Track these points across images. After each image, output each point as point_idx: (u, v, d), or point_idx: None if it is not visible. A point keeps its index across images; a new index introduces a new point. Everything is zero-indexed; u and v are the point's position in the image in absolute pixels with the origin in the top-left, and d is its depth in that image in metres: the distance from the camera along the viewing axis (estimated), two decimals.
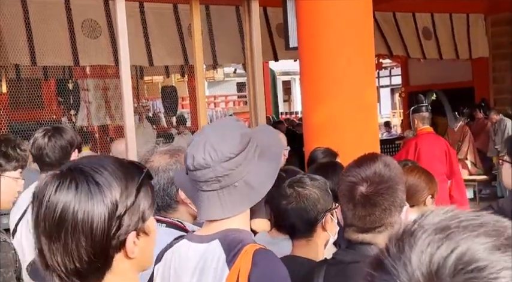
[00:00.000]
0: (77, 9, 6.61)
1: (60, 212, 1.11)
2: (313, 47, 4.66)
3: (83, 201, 1.12)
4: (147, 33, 7.12)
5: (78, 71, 7.71)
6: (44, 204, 1.13)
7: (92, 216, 1.11)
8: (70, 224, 1.11)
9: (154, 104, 11.72)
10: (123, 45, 4.02)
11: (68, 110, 7.75)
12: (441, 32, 9.93)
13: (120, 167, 1.19)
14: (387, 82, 23.78)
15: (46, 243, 1.12)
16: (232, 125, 1.74)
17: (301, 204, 2.14)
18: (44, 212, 1.12)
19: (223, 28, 7.58)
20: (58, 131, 2.88)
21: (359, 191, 1.73)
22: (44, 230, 1.12)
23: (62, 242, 1.11)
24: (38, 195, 1.15)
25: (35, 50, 6.33)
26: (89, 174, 1.15)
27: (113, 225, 1.13)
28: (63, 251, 1.11)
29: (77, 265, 1.12)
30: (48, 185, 1.14)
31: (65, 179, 1.14)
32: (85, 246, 1.11)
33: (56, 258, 1.12)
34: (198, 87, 4.64)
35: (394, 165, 1.80)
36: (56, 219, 1.11)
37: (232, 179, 1.63)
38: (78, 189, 1.12)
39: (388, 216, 1.74)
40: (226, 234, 1.65)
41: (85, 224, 1.11)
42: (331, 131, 4.57)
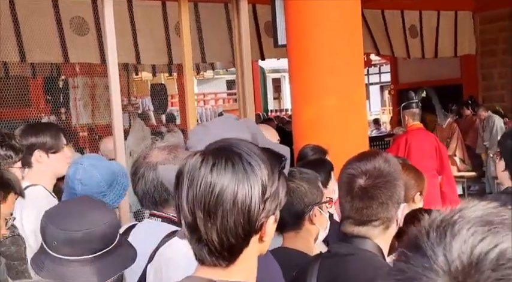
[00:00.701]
0: (65, 6, 6.58)
1: (219, 191, 1.16)
2: (302, 44, 4.66)
3: (241, 182, 1.17)
4: (135, 30, 7.09)
5: (68, 69, 7.67)
6: (200, 182, 1.17)
7: (250, 196, 1.17)
8: (229, 203, 1.16)
9: (143, 101, 11.68)
10: (111, 44, 3.99)
11: (57, 108, 7.70)
12: (426, 30, 9.97)
13: (263, 152, 1.25)
14: (376, 79, 23.86)
15: (202, 219, 1.16)
16: (241, 125, 1.74)
17: (287, 197, 2.14)
18: (201, 190, 1.16)
19: (212, 26, 7.57)
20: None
21: (358, 184, 1.77)
22: (200, 206, 1.16)
23: (219, 219, 1.16)
24: (189, 173, 1.19)
25: (23, 47, 6.29)
26: (241, 155, 1.19)
27: (261, 206, 1.19)
28: (221, 227, 1.16)
29: (232, 241, 1.18)
30: (203, 164, 1.18)
31: (220, 159, 1.18)
32: (243, 223, 1.17)
33: (211, 234, 1.17)
34: (187, 85, 4.63)
35: (394, 162, 1.85)
36: (215, 198, 1.16)
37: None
38: (235, 169, 1.17)
39: (384, 211, 1.78)
40: None
41: (244, 204, 1.17)
42: (320, 128, 4.58)
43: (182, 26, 4.54)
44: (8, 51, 6.21)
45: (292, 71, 4.88)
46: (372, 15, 9.12)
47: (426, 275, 0.65)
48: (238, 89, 4.83)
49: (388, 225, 1.81)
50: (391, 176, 1.78)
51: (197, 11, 7.46)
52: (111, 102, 3.94)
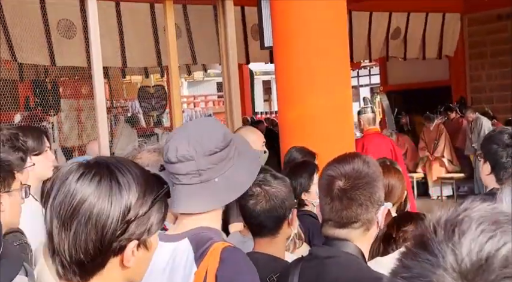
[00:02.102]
0: (52, 9, 6.55)
1: (77, 201, 1.13)
2: (288, 46, 4.66)
3: (102, 197, 1.14)
4: (122, 33, 7.07)
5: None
6: (63, 190, 1.15)
7: (108, 214, 1.13)
8: (84, 215, 1.13)
9: (133, 104, 11.64)
10: (96, 46, 3.99)
11: (47, 111, 7.65)
12: (412, 31, 10.02)
13: (143, 175, 1.21)
14: (367, 81, 23.92)
15: (57, 228, 1.14)
16: (215, 123, 1.81)
17: (271, 202, 2.14)
18: (62, 198, 1.15)
19: (201, 27, 7.56)
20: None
21: (337, 185, 1.77)
22: (57, 214, 1.14)
23: (72, 231, 1.13)
24: (59, 180, 1.17)
25: (14, 50, 6.28)
26: (113, 172, 1.17)
27: (120, 228, 1.14)
28: (72, 239, 1.13)
29: (81, 256, 1.14)
30: (72, 173, 1.16)
31: (89, 171, 1.16)
32: (94, 240, 1.13)
33: (63, 245, 1.14)
34: (173, 88, 4.62)
35: (373, 163, 1.84)
36: (72, 208, 1.13)
37: (213, 174, 1.67)
38: (100, 184, 1.15)
39: (364, 212, 1.77)
40: (195, 232, 1.67)
41: (98, 220, 1.13)
42: (306, 129, 4.58)
43: (168, 30, 4.53)
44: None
45: (278, 72, 4.88)
46: (358, 17, 9.15)
47: (435, 272, 0.65)
48: (225, 91, 4.84)
49: (368, 227, 1.81)
50: (370, 177, 1.78)
51: (186, 12, 7.45)
52: (96, 105, 3.93)
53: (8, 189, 1.94)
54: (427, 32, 10.17)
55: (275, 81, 4.98)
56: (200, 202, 1.67)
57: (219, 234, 1.72)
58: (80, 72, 7.26)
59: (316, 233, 3.06)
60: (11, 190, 1.95)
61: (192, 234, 1.66)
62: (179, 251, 1.66)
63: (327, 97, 4.57)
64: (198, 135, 1.68)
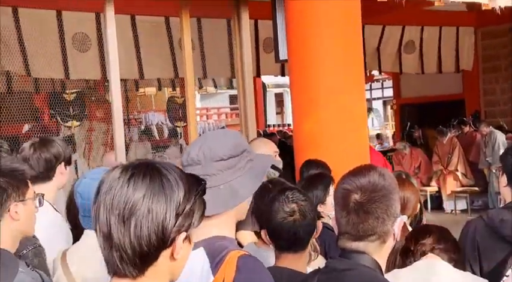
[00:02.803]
0: (68, 22, 6.62)
1: (135, 199, 1.21)
2: (303, 59, 4.68)
3: (157, 193, 1.22)
4: (138, 46, 7.13)
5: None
6: (117, 190, 1.22)
7: (164, 208, 1.22)
8: (144, 211, 1.21)
9: (146, 116, 11.70)
10: (113, 60, 4.03)
11: (65, 121, 7.69)
12: (427, 45, 10.00)
13: (183, 173, 1.31)
14: (379, 94, 23.90)
15: (116, 225, 1.21)
16: (232, 133, 1.84)
17: (306, 218, 2.21)
18: (117, 198, 1.21)
19: (213, 41, 7.61)
20: (44, 143, 2.87)
21: (353, 199, 1.76)
22: (115, 213, 1.21)
23: (133, 226, 1.20)
24: (109, 182, 1.24)
25: (28, 62, 6.34)
26: (160, 170, 1.25)
27: (174, 221, 1.23)
28: (134, 234, 1.20)
29: (144, 249, 1.21)
30: (122, 174, 1.24)
31: (139, 171, 1.24)
32: (156, 232, 1.21)
33: (123, 240, 1.21)
34: (189, 100, 4.66)
35: (389, 175, 1.83)
36: (130, 205, 1.21)
37: (218, 180, 1.70)
38: (152, 182, 1.23)
39: (381, 225, 1.77)
40: (210, 241, 1.68)
41: (157, 214, 1.22)
42: (321, 142, 4.58)
43: (184, 43, 4.58)
44: (14, 66, 6.26)
45: (293, 85, 4.89)
46: (371, 30, 9.16)
47: None
48: (240, 104, 4.86)
49: (384, 239, 1.80)
50: (386, 190, 1.78)
51: (200, 26, 7.51)
52: (113, 117, 3.96)
53: (22, 198, 1.96)
54: (442, 46, 10.15)
55: (289, 94, 5.00)
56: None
57: (233, 243, 1.73)
58: (95, 94, 7.37)
59: (332, 245, 3.06)
60: (25, 199, 1.97)
61: (206, 244, 1.68)
62: (194, 261, 1.66)
63: (342, 110, 4.58)
64: (210, 142, 1.74)
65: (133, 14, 7.04)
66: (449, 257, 2.23)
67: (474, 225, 2.65)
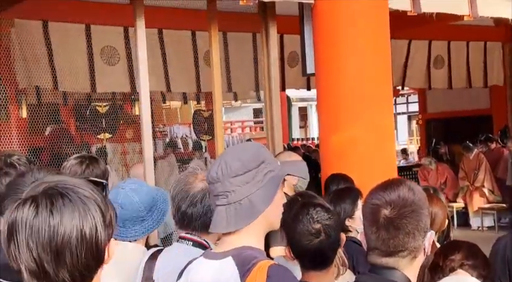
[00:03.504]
0: (97, 36, 6.72)
1: (64, 231, 1.16)
2: (330, 73, 4.69)
3: (83, 215, 1.18)
4: (165, 59, 7.20)
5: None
6: (43, 227, 1.15)
7: (95, 226, 1.19)
8: (77, 239, 1.17)
9: (171, 129, 11.79)
10: (143, 73, 4.08)
11: (97, 133, 7.76)
12: (455, 60, 9.92)
13: (84, 181, 1.26)
14: (404, 109, 23.75)
15: (50, 262, 1.16)
16: (250, 147, 1.82)
17: (331, 237, 2.19)
18: (46, 235, 1.15)
19: (239, 55, 7.66)
20: (94, 160, 2.98)
21: (383, 214, 1.74)
22: (47, 251, 1.16)
23: (69, 258, 1.16)
24: (27, 221, 1.16)
25: (56, 76, 6.44)
26: (74, 189, 1.20)
27: (103, 235, 1.21)
28: (71, 264, 1.17)
29: (85, 274, 1.19)
30: (39, 208, 1.16)
31: (56, 198, 1.18)
32: (93, 254, 1.19)
33: (62, 274, 1.17)
34: (216, 114, 4.68)
35: (418, 190, 1.81)
36: (61, 239, 1.16)
37: (238, 196, 1.70)
38: (73, 204, 1.17)
39: (411, 241, 1.75)
40: (239, 251, 1.69)
41: (91, 236, 1.18)
42: (348, 157, 4.57)
43: (212, 57, 4.61)
44: (42, 79, 6.36)
45: (320, 99, 4.89)
46: (397, 45, 9.13)
47: None
48: (266, 118, 4.86)
49: (415, 255, 1.78)
50: (416, 205, 1.76)
51: (225, 40, 7.56)
52: (142, 129, 4.00)
53: None
54: (470, 61, 10.06)
55: (314, 108, 4.99)
56: (227, 223, 1.71)
57: (262, 254, 1.73)
58: (125, 116, 7.44)
59: (360, 260, 3.04)
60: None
61: (235, 253, 1.69)
62: (224, 269, 1.68)
63: (369, 124, 4.57)
64: (227, 157, 1.74)
65: (160, 28, 7.12)
66: (479, 273, 2.19)
67: (504, 242, 2.61)
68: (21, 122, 6.88)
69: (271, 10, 5.22)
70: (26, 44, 6.28)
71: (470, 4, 5.68)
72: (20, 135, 6.42)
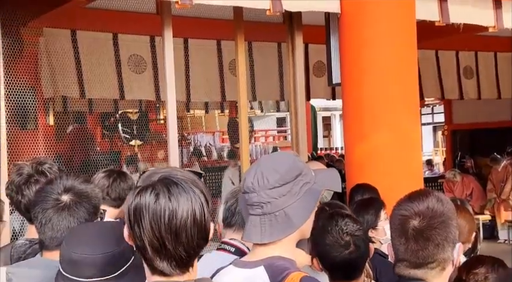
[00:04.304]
0: (124, 45, 6.80)
1: (181, 215, 1.34)
2: (356, 83, 4.68)
3: (194, 202, 1.36)
4: (188, 68, 7.26)
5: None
6: (163, 212, 1.33)
7: (203, 212, 1.37)
8: (191, 223, 1.35)
9: (195, 137, 11.85)
10: (170, 82, 4.11)
11: (128, 140, 7.82)
12: (483, 70, 9.82)
13: (188, 173, 1.43)
14: (429, 120, 23.54)
15: (171, 240, 1.34)
16: (286, 157, 1.81)
17: (361, 248, 2.19)
18: (166, 218, 1.33)
19: (263, 64, 7.68)
20: (122, 174, 3.06)
21: (412, 225, 1.73)
22: (168, 231, 1.33)
23: (184, 237, 1.34)
24: (149, 206, 1.34)
25: (84, 83, 6.53)
26: (183, 179, 1.38)
27: (208, 218, 1.39)
28: (187, 243, 1.35)
29: (197, 251, 1.38)
30: (159, 195, 1.34)
31: (171, 187, 1.35)
32: (203, 235, 1.37)
33: (179, 250, 1.35)
34: (241, 122, 4.69)
35: (447, 201, 1.80)
36: (179, 221, 1.34)
37: (273, 207, 1.70)
38: (186, 193, 1.35)
39: (441, 252, 1.73)
40: (271, 261, 1.68)
41: (201, 220, 1.36)
42: (374, 167, 4.55)
43: (238, 66, 4.64)
44: (70, 87, 6.45)
45: (346, 109, 4.88)
46: (424, 55, 9.08)
47: None
48: (292, 127, 4.87)
49: (444, 266, 1.77)
50: (445, 215, 1.75)
51: (250, 49, 7.59)
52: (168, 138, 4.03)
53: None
54: (499, 72, 9.96)
55: (337, 118, 4.98)
56: (261, 234, 1.71)
57: (293, 265, 1.73)
58: (156, 137, 7.49)
59: (383, 271, 3.01)
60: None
61: (267, 263, 1.69)
62: (254, 279, 1.69)
63: (395, 134, 4.55)
64: (264, 168, 1.73)
65: (186, 38, 7.18)
66: None
67: None
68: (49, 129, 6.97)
69: (297, 20, 5.23)
70: (54, 53, 6.37)
71: (496, 16, 5.67)
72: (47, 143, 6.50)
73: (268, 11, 4.47)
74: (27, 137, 5.62)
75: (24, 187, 2.23)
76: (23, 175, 2.26)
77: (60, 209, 1.88)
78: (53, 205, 1.88)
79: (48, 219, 1.88)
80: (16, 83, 5.16)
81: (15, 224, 4.17)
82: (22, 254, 2.12)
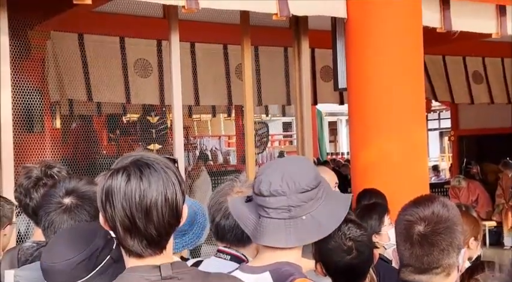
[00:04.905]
0: (130, 49, 6.82)
1: (151, 195, 1.37)
2: (362, 89, 4.68)
3: (165, 183, 1.39)
4: (195, 72, 7.27)
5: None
6: (134, 192, 1.37)
7: (175, 193, 1.40)
8: (162, 202, 1.38)
9: (201, 141, 11.86)
10: (176, 86, 4.12)
11: (147, 144, 7.82)
12: (492, 76, 9.80)
13: (160, 157, 1.47)
14: (436, 125, 23.47)
15: (142, 219, 1.37)
16: (308, 162, 1.83)
17: (364, 253, 2.18)
18: (137, 197, 1.37)
19: (270, 69, 7.69)
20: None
21: (417, 230, 1.74)
22: (139, 209, 1.37)
23: (155, 216, 1.38)
24: (120, 187, 1.37)
25: (91, 87, 6.55)
26: (156, 161, 1.41)
27: (181, 198, 1.42)
28: (157, 222, 1.38)
29: (168, 230, 1.41)
30: (131, 177, 1.38)
31: (143, 169, 1.39)
32: (175, 215, 1.41)
33: (150, 229, 1.38)
34: (247, 127, 4.70)
35: (452, 206, 1.81)
36: (150, 201, 1.37)
37: (302, 211, 1.69)
38: (158, 174, 1.39)
39: (446, 257, 1.74)
40: (277, 266, 1.68)
41: (172, 200, 1.40)
42: (380, 172, 4.54)
43: (244, 70, 4.65)
44: (77, 90, 6.47)
45: (352, 114, 4.88)
46: (432, 60, 9.07)
47: None
48: (297, 132, 4.87)
49: (449, 272, 1.77)
50: (450, 221, 1.75)
51: (257, 54, 7.60)
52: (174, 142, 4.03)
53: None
54: (507, 77, 9.94)
55: (343, 123, 4.98)
56: (285, 237, 1.69)
57: (299, 271, 1.72)
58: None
59: (387, 276, 3.01)
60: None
61: (273, 268, 1.69)
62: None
63: (401, 139, 4.55)
64: (292, 172, 1.71)
65: (193, 42, 7.19)
66: None
67: None
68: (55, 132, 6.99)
69: (304, 24, 5.24)
70: (61, 56, 6.40)
71: (499, 23, 5.67)
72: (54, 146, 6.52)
73: (275, 15, 4.48)
74: (33, 139, 5.64)
75: (33, 190, 2.24)
76: (31, 178, 2.27)
77: (61, 212, 1.89)
78: (55, 208, 1.89)
79: (50, 222, 1.89)
80: (23, 85, 5.18)
81: (21, 227, 4.19)
82: (29, 257, 2.12)
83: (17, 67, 4.92)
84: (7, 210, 2.98)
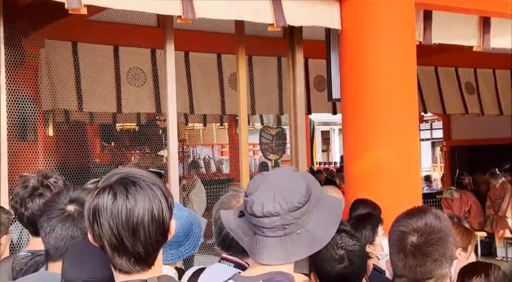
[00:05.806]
0: (124, 57, 6.82)
1: (138, 213, 1.38)
2: (356, 99, 4.70)
3: (152, 200, 1.40)
4: (190, 81, 7.28)
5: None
6: (121, 210, 1.38)
7: (162, 209, 1.41)
8: (149, 220, 1.39)
9: (194, 150, 11.86)
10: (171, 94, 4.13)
11: (156, 151, 7.78)
12: (483, 87, 9.87)
13: (146, 171, 1.48)
14: (428, 135, 23.57)
15: (129, 238, 1.38)
16: (297, 176, 1.77)
17: (356, 263, 2.17)
18: (123, 216, 1.38)
19: (263, 78, 7.72)
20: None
21: (410, 241, 1.76)
22: (125, 228, 1.38)
23: (142, 234, 1.39)
24: (107, 205, 1.38)
25: (82, 96, 6.53)
26: (142, 179, 1.42)
27: (168, 214, 1.43)
28: (144, 240, 1.39)
29: (156, 247, 1.42)
30: (117, 195, 1.39)
31: (129, 187, 1.40)
32: (161, 232, 1.42)
33: (137, 247, 1.39)
34: (241, 135, 4.71)
35: (445, 218, 1.84)
36: (136, 219, 1.38)
37: (296, 227, 1.68)
38: (144, 191, 1.40)
39: (438, 268, 1.76)
40: (270, 277, 1.68)
41: (159, 217, 1.41)
42: (373, 182, 4.56)
43: (239, 79, 4.66)
44: (68, 99, 6.45)
45: (345, 124, 4.90)
46: (423, 71, 9.12)
47: None
48: (291, 141, 4.88)
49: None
50: (443, 232, 1.77)
51: (250, 63, 7.63)
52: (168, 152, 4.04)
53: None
54: (498, 88, 10.00)
55: (342, 134, 5.01)
56: (283, 254, 1.68)
57: (292, 280, 1.72)
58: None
59: None
60: None
61: (266, 278, 1.68)
62: None
63: (394, 150, 4.57)
64: (283, 189, 1.68)
65: (187, 51, 7.21)
66: None
67: None
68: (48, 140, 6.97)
69: (298, 34, 5.27)
70: (54, 64, 6.39)
71: (481, 36, 5.67)
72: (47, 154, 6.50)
73: (271, 25, 4.50)
74: (27, 148, 5.62)
75: (28, 200, 2.24)
76: (27, 188, 2.27)
77: (64, 219, 1.90)
78: (58, 214, 1.91)
79: (52, 228, 1.90)
80: (17, 93, 5.17)
81: (13, 236, 4.17)
82: (24, 266, 2.12)
83: (11, 75, 4.91)
84: (4, 219, 2.98)
